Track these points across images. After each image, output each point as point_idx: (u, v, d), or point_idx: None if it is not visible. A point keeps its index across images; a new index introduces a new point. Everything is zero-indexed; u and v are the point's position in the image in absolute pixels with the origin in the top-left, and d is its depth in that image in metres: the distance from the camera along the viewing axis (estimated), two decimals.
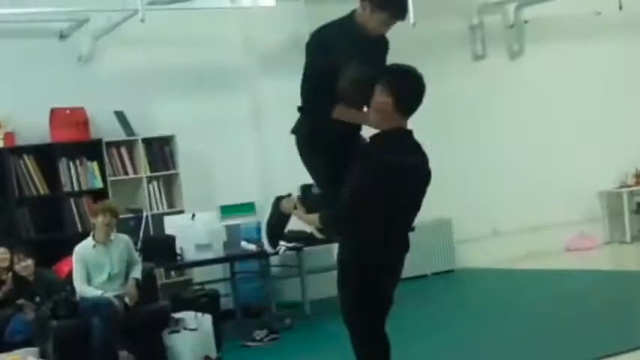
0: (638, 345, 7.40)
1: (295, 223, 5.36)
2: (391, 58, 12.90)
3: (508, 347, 8.07)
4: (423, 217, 12.59)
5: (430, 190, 12.96)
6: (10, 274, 8.74)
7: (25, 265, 8.72)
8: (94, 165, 10.43)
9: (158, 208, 10.75)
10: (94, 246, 8.57)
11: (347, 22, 5.04)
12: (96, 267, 8.54)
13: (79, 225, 10.25)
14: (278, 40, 10.86)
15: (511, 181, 13.18)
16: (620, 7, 12.28)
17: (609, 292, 10.36)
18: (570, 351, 7.58)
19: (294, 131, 5.05)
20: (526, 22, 13.56)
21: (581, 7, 13.36)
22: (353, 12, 5.04)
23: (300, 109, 5.02)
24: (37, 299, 8.50)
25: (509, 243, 13.18)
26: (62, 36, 10.68)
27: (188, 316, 8.75)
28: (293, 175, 6.69)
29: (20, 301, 8.44)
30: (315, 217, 4.88)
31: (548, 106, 13.55)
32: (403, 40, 12.18)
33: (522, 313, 9.52)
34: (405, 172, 4.76)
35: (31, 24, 10.38)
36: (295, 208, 5.05)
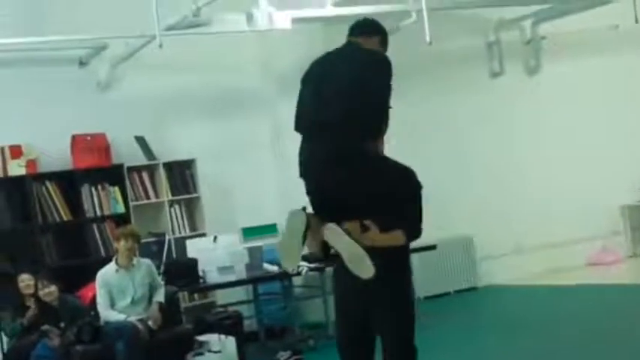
0: None
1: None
2: (408, 77, 12.98)
3: None
4: (444, 234, 12.71)
5: (451, 208, 13.03)
6: (34, 300, 8.79)
7: (49, 292, 8.77)
8: (116, 190, 10.50)
9: (180, 232, 10.81)
10: (117, 270, 8.62)
11: None
12: (119, 291, 8.59)
13: (102, 250, 10.31)
14: (295, 62, 10.88)
15: (532, 197, 13.15)
16: (637, 21, 12.27)
17: (634, 306, 10.29)
18: None
19: None
20: (543, 38, 13.54)
21: (598, 22, 13.33)
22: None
23: None
24: (62, 325, 8.55)
25: (532, 259, 13.13)
26: (81, 63, 10.78)
27: (212, 339, 8.78)
28: None
29: (45, 327, 8.49)
30: (396, 235, 4.91)
31: (567, 120, 13.51)
32: (420, 58, 12.43)
33: (546, 330, 9.47)
34: None
35: (50, 52, 10.47)
36: (364, 230, 4.72)
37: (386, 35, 5.04)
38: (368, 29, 5.04)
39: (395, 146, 12.71)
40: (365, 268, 4.56)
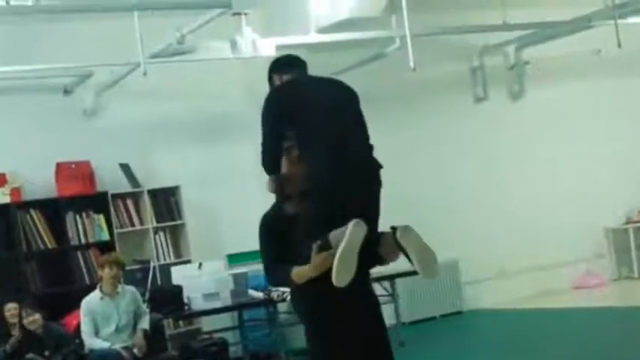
0: None
1: None
2: (393, 103, 13.05)
3: None
4: None
5: (436, 232, 12.97)
6: (18, 328, 8.75)
7: (33, 320, 8.71)
8: (101, 217, 10.49)
9: (165, 259, 10.80)
10: (102, 298, 8.60)
11: None
12: (104, 319, 8.57)
13: (86, 278, 10.29)
14: None
15: (516, 221, 13.19)
16: (619, 45, 12.36)
17: (619, 329, 10.32)
18: None
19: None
20: (527, 63, 13.63)
21: (581, 47, 13.42)
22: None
23: None
24: (47, 353, 8.52)
25: (517, 283, 13.15)
26: (66, 91, 10.79)
27: None
28: None
29: (29, 356, 8.45)
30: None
31: (551, 145, 13.58)
32: (404, 84, 12.47)
33: (533, 354, 9.48)
34: None
35: (35, 80, 10.48)
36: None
37: None
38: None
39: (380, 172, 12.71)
40: (433, 269, 4.85)
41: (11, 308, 8.90)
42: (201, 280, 9.76)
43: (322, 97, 4.88)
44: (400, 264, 5.05)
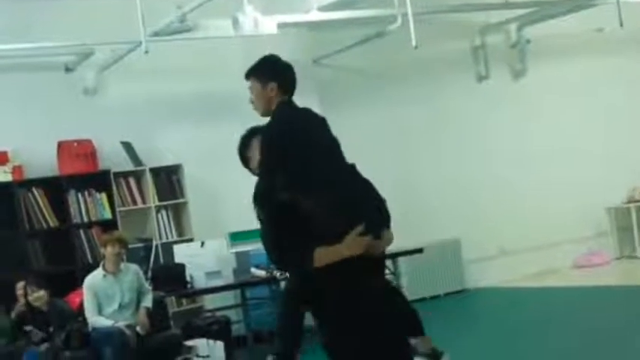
0: None
1: None
2: (394, 81, 13.01)
3: None
4: (431, 238, 12.74)
5: (438, 211, 13.03)
6: (24, 303, 8.79)
7: (38, 296, 8.75)
8: (103, 196, 10.50)
9: (167, 237, 10.80)
10: (104, 276, 8.62)
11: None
12: (106, 297, 8.58)
13: (89, 256, 10.30)
14: None
15: (518, 200, 13.20)
16: (621, 24, 12.33)
17: (620, 308, 10.33)
18: None
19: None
20: (528, 41, 13.58)
21: (583, 25, 13.39)
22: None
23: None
24: (51, 329, 8.55)
25: (519, 261, 13.17)
26: (67, 69, 10.77)
27: (200, 344, 8.79)
28: None
29: (29, 328, 8.47)
30: None
31: (553, 123, 13.58)
32: (406, 63, 12.44)
33: (535, 332, 9.48)
34: None
35: (36, 58, 10.46)
36: None
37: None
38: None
39: (382, 151, 12.79)
40: None
41: (21, 287, 8.94)
42: (204, 258, 9.77)
43: (319, 132, 4.79)
44: (403, 242, 5.04)
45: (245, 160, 4.89)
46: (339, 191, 4.53)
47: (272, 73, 4.79)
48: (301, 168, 4.55)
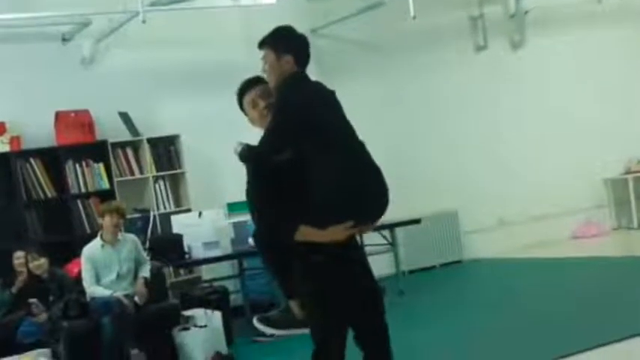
0: None
1: None
2: (393, 51, 12.98)
3: (513, 335, 8.06)
4: (429, 208, 12.75)
5: (436, 182, 13.04)
6: (25, 272, 8.80)
7: (39, 264, 8.76)
8: (100, 166, 10.49)
9: (165, 208, 10.81)
10: (102, 246, 8.62)
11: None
12: (104, 267, 8.59)
13: (86, 226, 10.31)
14: None
15: (516, 171, 13.22)
16: None
17: (617, 278, 10.35)
18: (578, 337, 7.58)
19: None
20: (526, 12, 13.58)
21: None
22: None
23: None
24: (51, 298, 8.57)
25: (516, 232, 13.21)
26: (64, 39, 10.73)
27: (198, 314, 8.80)
28: None
29: (31, 300, 8.49)
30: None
31: (551, 94, 13.58)
32: (404, 34, 12.42)
33: (532, 303, 9.52)
34: None
35: (33, 28, 10.42)
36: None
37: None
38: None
39: (380, 122, 12.76)
40: None
41: (20, 256, 8.94)
42: (202, 228, 9.76)
43: (330, 99, 4.72)
44: (400, 213, 5.04)
45: (243, 111, 4.85)
46: (346, 176, 4.48)
47: (288, 45, 4.67)
48: (312, 147, 4.51)
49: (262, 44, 4.73)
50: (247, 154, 4.59)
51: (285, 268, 4.61)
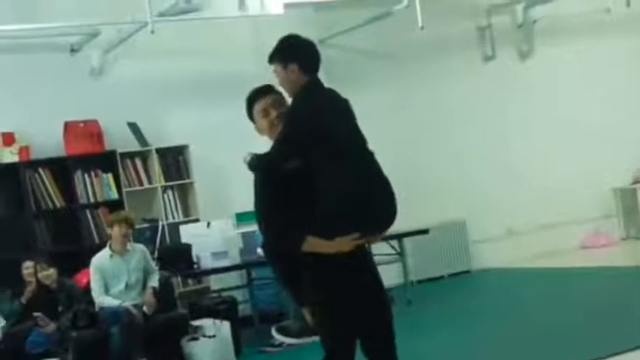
0: None
1: None
2: (400, 63, 12.99)
3: (520, 345, 8.06)
4: (437, 218, 12.74)
5: (444, 192, 13.04)
6: (34, 283, 8.82)
7: (48, 274, 8.78)
8: (109, 176, 10.50)
9: (174, 218, 10.82)
10: (111, 256, 8.65)
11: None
12: (113, 277, 8.61)
13: (95, 236, 10.31)
14: None
15: (524, 180, 13.20)
16: (629, 4, 12.29)
17: (625, 289, 10.33)
18: (585, 348, 7.56)
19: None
20: (535, 21, 13.58)
21: (589, 5, 13.39)
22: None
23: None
24: (60, 308, 8.58)
25: (525, 242, 13.18)
26: (73, 50, 10.76)
27: (206, 324, 8.81)
28: None
29: (36, 314, 8.50)
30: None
31: (559, 104, 13.57)
32: (412, 44, 12.44)
33: (541, 313, 9.50)
34: None
35: (41, 39, 10.45)
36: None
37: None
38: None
39: (388, 131, 12.78)
40: None
41: (29, 266, 8.97)
42: (210, 238, 9.77)
43: (340, 106, 4.73)
44: (408, 222, 5.04)
45: (252, 119, 4.86)
46: (355, 185, 4.48)
47: (291, 54, 4.68)
48: (321, 156, 4.51)
49: (270, 60, 4.75)
50: (257, 163, 4.59)
51: (295, 276, 4.62)
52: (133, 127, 10.72)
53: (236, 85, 11.20)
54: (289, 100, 4.73)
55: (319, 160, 4.52)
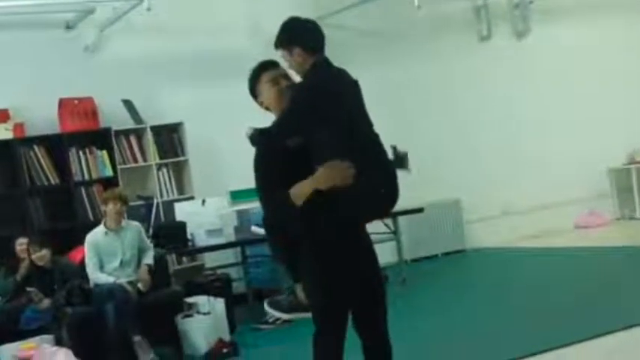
0: None
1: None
2: (397, 42, 12.96)
3: (515, 324, 8.08)
4: (432, 197, 12.74)
5: (439, 171, 13.02)
6: (28, 262, 8.82)
7: (41, 255, 8.77)
8: (104, 154, 10.49)
9: (168, 195, 10.82)
10: (106, 233, 8.64)
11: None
12: (108, 254, 8.60)
13: (90, 213, 10.32)
14: None
15: (520, 160, 13.22)
16: None
17: (620, 268, 10.38)
18: (580, 326, 7.58)
19: None
20: (531, 1, 13.55)
21: None
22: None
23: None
24: (55, 287, 8.59)
25: (520, 222, 13.21)
26: (68, 27, 10.73)
27: (201, 301, 8.82)
28: None
29: (30, 289, 8.51)
30: None
31: (555, 84, 13.56)
32: (409, 23, 12.41)
33: (534, 292, 9.52)
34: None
35: (36, 15, 10.42)
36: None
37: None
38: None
39: (385, 111, 12.73)
40: None
41: (23, 242, 8.99)
42: (205, 216, 9.78)
43: (348, 89, 4.72)
44: (403, 201, 5.04)
45: (254, 93, 4.84)
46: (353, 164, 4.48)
47: (293, 38, 4.67)
48: (323, 136, 4.51)
49: (276, 47, 4.75)
50: (257, 138, 4.59)
51: (292, 251, 4.62)
52: (128, 105, 10.70)
53: (231, 63, 11.30)
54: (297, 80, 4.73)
55: (320, 138, 4.51)
